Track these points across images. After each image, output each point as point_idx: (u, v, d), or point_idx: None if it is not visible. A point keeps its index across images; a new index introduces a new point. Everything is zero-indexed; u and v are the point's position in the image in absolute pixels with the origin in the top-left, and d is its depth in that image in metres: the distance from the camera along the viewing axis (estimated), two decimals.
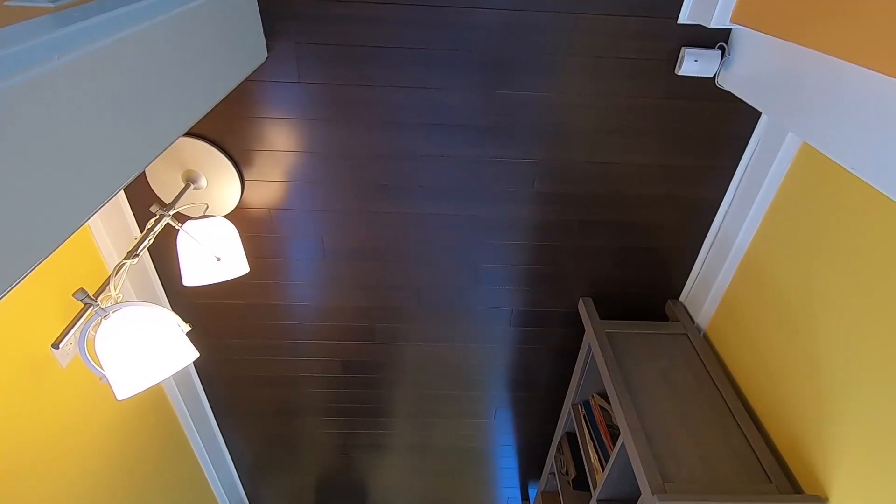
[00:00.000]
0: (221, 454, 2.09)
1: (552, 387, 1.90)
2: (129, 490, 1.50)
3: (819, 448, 1.07)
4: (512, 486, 2.39)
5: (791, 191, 1.20)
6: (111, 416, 1.40)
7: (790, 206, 1.20)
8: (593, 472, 1.51)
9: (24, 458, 1.07)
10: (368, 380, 1.87)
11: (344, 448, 2.16)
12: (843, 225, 1.04)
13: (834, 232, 1.07)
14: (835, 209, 1.07)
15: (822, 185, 1.11)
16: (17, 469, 1.05)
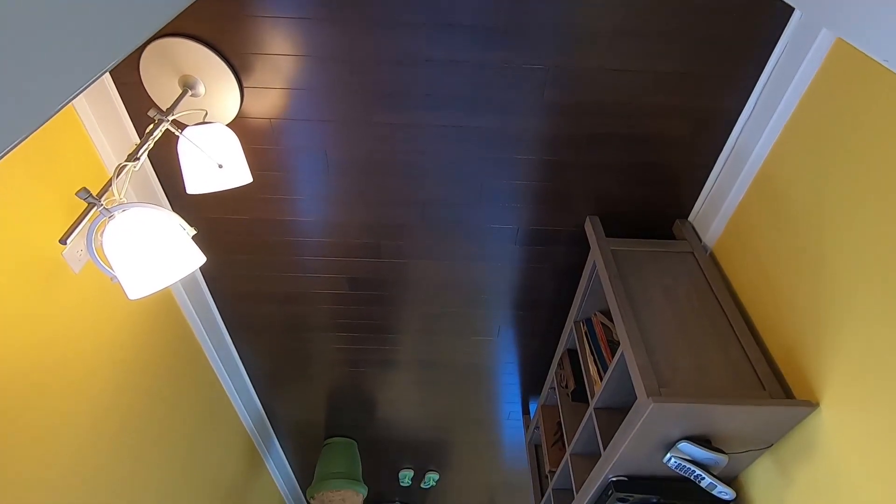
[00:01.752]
0: (236, 366, 2.19)
1: (555, 306, 1.93)
2: (146, 395, 1.58)
3: (815, 357, 1.09)
4: (513, 402, 2.50)
5: (815, 99, 1.14)
6: (125, 324, 1.45)
7: (812, 116, 1.15)
8: (592, 383, 1.56)
9: (41, 358, 1.12)
10: (375, 297, 1.91)
11: (353, 363, 2.25)
12: (869, 130, 0.99)
13: (857, 138, 1.02)
14: (861, 114, 1.02)
15: (849, 91, 1.05)
16: (34, 367, 1.10)
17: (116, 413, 1.40)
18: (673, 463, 1.16)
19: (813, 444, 1.08)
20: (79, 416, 1.24)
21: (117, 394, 1.41)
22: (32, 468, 1.10)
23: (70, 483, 1.22)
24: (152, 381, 1.60)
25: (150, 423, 1.59)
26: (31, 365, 1.08)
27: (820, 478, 1.06)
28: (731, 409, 1.07)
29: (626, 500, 1.33)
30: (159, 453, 1.65)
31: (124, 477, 1.45)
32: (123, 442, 1.44)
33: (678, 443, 1.16)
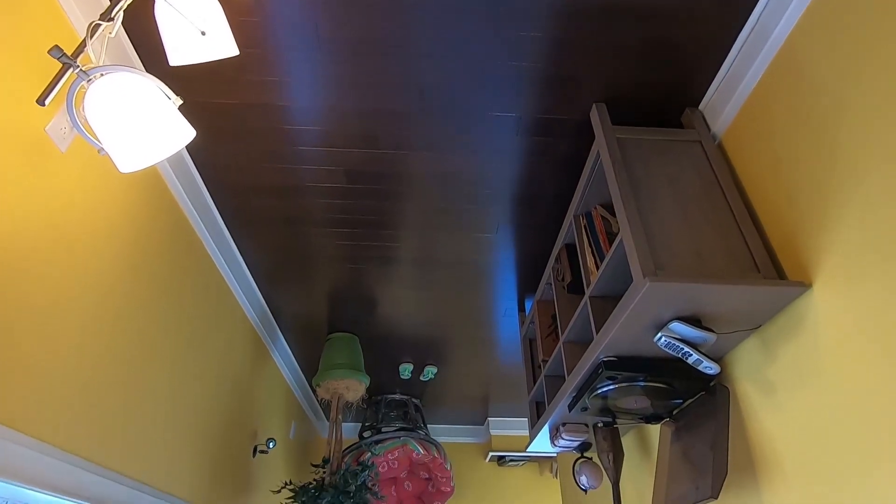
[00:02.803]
0: (237, 262, 2.22)
1: (556, 200, 1.91)
2: (147, 282, 1.61)
3: (813, 241, 1.09)
4: (510, 298, 2.58)
5: None
6: (121, 213, 1.43)
7: None
8: (588, 274, 1.59)
9: (37, 241, 1.12)
10: (374, 191, 1.88)
11: (353, 259, 2.28)
12: None
13: (888, 16, 0.94)
14: None
15: None
16: (26, 253, 1.10)
17: (119, 297, 1.43)
18: (663, 342, 1.21)
19: (800, 325, 1.12)
20: (81, 299, 1.27)
21: (118, 278, 1.43)
22: (38, 348, 1.14)
23: (78, 363, 1.27)
24: (151, 269, 1.61)
25: (152, 309, 1.63)
26: (28, 248, 1.08)
27: (802, 355, 1.11)
28: (724, 288, 1.09)
29: (615, 378, 1.40)
30: (164, 338, 1.71)
31: (131, 359, 1.51)
32: (128, 326, 1.49)
33: (670, 323, 1.20)
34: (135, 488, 1.49)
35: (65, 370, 1.20)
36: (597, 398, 1.53)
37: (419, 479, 3.77)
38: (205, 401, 2.01)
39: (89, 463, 1.28)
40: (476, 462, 4.39)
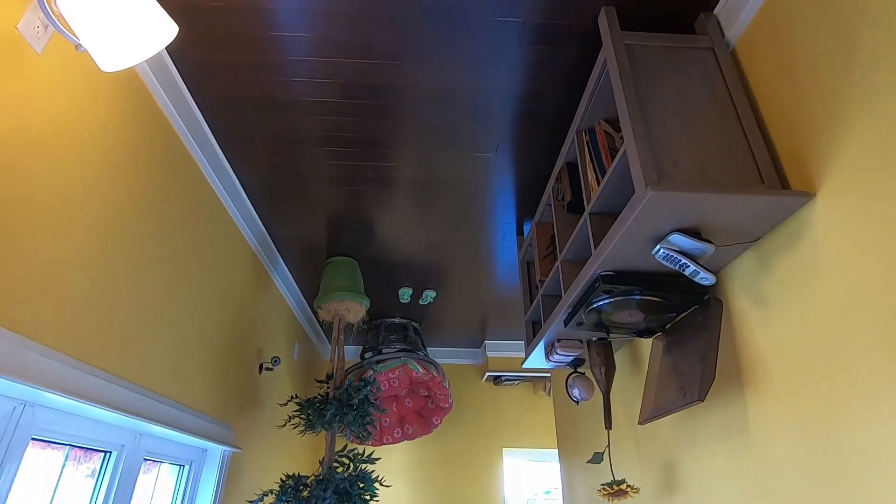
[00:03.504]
0: (233, 183, 2.18)
1: (558, 117, 1.85)
2: (141, 197, 1.58)
3: (822, 151, 1.07)
4: (508, 222, 2.57)
5: None
6: (103, 120, 1.38)
7: None
8: (589, 191, 1.57)
9: (24, 146, 1.08)
10: (369, 107, 1.81)
11: (350, 181, 2.24)
12: None
13: None
14: None
15: None
16: (19, 154, 1.06)
17: (114, 208, 1.42)
18: (661, 254, 1.21)
19: (799, 237, 1.11)
20: (79, 206, 1.25)
21: (109, 190, 1.40)
22: (39, 253, 1.13)
23: (81, 272, 1.28)
24: (142, 182, 1.59)
25: (148, 222, 1.62)
26: (14, 153, 1.04)
27: (799, 267, 1.11)
28: (727, 198, 1.07)
29: (611, 292, 1.43)
30: (161, 250, 1.72)
31: (132, 272, 1.52)
32: (126, 238, 1.48)
33: (669, 235, 1.20)
34: (148, 396, 1.55)
35: (68, 278, 1.21)
36: (592, 312, 1.56)
37: (419, 397, 3.97)
38: (208, 318, 2.06)
39: (101, 370, 1.33)
40: (473, 382, 4.60)
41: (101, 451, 1.57)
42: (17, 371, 1.04)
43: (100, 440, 1.50)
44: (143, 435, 1.69)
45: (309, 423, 2.43)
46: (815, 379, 1.06)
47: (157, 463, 1.97)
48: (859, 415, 0.95)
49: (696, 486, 1.51)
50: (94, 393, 1.29)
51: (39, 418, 1.24)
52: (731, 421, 1.34)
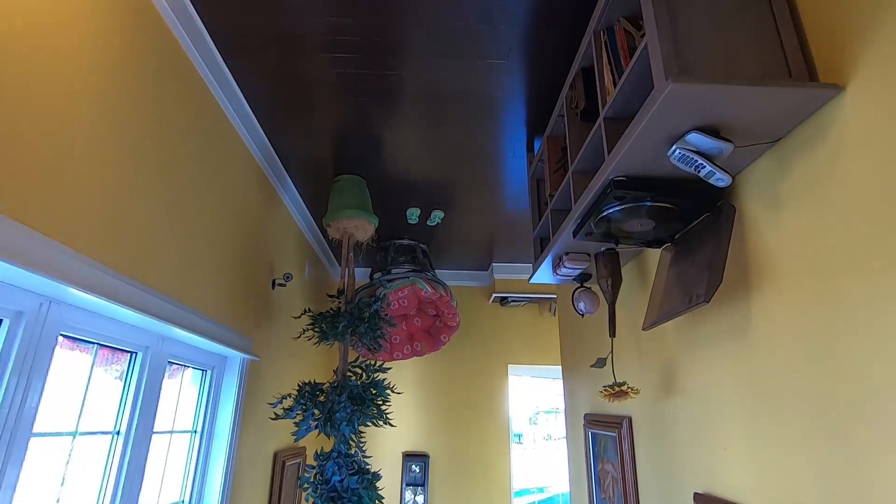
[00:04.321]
0: (236, 95, 2.12)
1: (575, 16, 1.74)
2: (140, 105, 1.54)
3: (855, 43, 1.00)
4: (519, 138, 2.51)
5: None
6: (101, 20, 1.32)
7: None
8: (605, 94, 1.51)
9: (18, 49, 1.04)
10: (373, 7, 1.71)
11: (355, 91, 2.17)
12: None
13: None
14: None
15: None
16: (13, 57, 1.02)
17: (118, 110, 1.39)
18: (677, 154, 1.18)
19: (823, 135, 1.07)
20: (83, 102, 1.23)
21: (111, 90, 1.37)
22: (45, 145, 1.13)
23: (89, 167, 1.27)
24: (142, 87, 1.54)
25: (148, 127, 1.60)
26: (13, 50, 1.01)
27: (819, 167, 1.08)
28: (752, 91, 1.02)
29: (623, 199, 1.41)
30: (164, 160, 1.70)
31: (141, 176, 1.52)
32: (129, 143, 1.46)
33: (686, 134, 1.16)
34: (169, 302, 1.61)
35: (76, 174, 1.21)
36: (602, 221, 1.56)
37: (427, 316, 4.09)
38: (218, 230, 2.08)
39: (123, 274, 1.36)
40: (480, 303, 4.71)
41: (127, 352, 1.65)
42: (43, 266, 1.06)
43: (125, 340, 1.58)
44: (166, 339, 1.77)
45: (322, 334, 2.53)
46: (824, 281, 1.06)
47: (181, 368, 2.08)
48: (865, 318, 0.96)
49: (695, 388, 1.57)
50: (118, 293, 1.33)
51: (66, 316, 1.29)
52: (734, 324, 1.37)
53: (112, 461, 1.56)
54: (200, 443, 2.12)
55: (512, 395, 4.58)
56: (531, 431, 5.01)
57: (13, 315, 1.14)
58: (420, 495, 4.14)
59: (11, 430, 1.13)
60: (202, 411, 2.16)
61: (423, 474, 4.19)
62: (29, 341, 1.17)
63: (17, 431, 1.15)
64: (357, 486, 2.31)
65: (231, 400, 2.25)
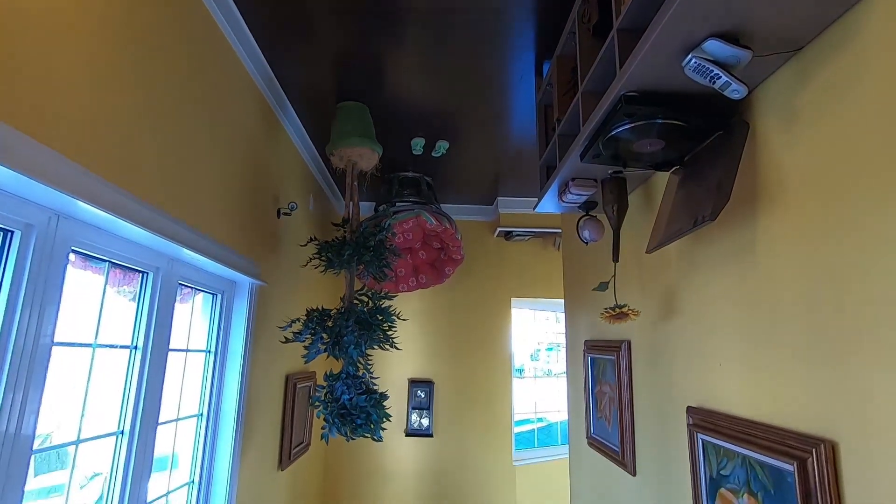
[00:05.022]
0: (233, 16, 2.02)
1: None
2: (139, 39, 1.48)
3: None
4: (527, 60, 2.41)
5: None
6: None
7: None
8: (619, 4, 1.42)
9: None
10: None
11: (357, 12, 2.06)
12: None
13: None
14: None
15: None
16: None
17: (115, 27, 1.34)
18: (693, 64, 1.13)
19: (848, 41, 1.02)
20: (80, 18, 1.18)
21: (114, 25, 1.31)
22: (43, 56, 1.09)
23: (90, 82, 1.24)
24: (141, 14, 1.47)
25: (151, 54, 1.54)
26: None
27: (843, 76, 1.04)
28: None
29: (633, 115, 1.37)
30: (160, 77, 1.66)
31: (137, 96, 1.48)
32: (127, 58, 1.42)
33: (703, 42, 1.11)
34: (178, 223, 1.62)
35: (85, 93, 1.19)
36: (610, 142, 1.52)
37: (432, 249, 4.12)
38: (224, 157, 2.05)
39: (130, 192, 1.37)
40: (485, 237, 4.73)
41: (138, 273, 1.69)
42: (51, 178, 1.07)
43: (135, 260, 1.61)
44: (175, 261, 1.80)
45: (328, 262, 2.56)
46: (834, 200, 1.05)
47: (192, 292, 2.14)
48: (872, 236, 0.95)
49: (694, 309, 1.60)
50: (127, 210, 1.34)
51: (76, 232, 1.31)
52: (738, 244, 1.37)
53: (132, 375, 1.63)
54: (215, 362, 2.21)
55: (515, 327, 4.71)
56: (532, 366, 5.18)
57: (23, 227, 1.15)
58: (425, 418, 4.37)
59: (34, 337, 1.18)
60: (215, 333, 2.24)
61: (428, 399, 4.39)
62: (41, 255, 1.19)
63: (39, 340, 1.20)
64: (365, 403, 2.43)
65: (242, 323, 2.33)
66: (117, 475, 1.56)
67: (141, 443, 1.62)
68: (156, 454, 1.74)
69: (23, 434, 1.15)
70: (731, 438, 1.35)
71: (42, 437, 1.36)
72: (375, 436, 2.44)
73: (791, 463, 1.10)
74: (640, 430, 2.02)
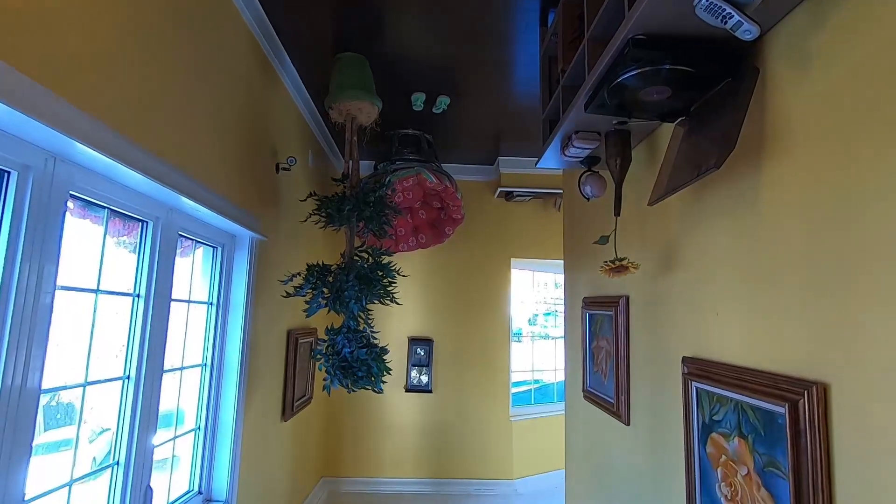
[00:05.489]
0: None
1: None
2: None
3: None
4: (531, 8, 2.33)
5: None
6: None
7: None
8: None
9: None
10: None
11: None
12: None
13: None
14: None
15: None
16: None
17: None
18: (703, 3, 1.09)
19: None
20: None
21: None
22: None
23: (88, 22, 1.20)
24: None
25: (144, 4, 1.48)
26: None
27: (855, 16, 1.01)
28: None
29: (640, 60, 1.34)
30: (160, 31, 1.61)
31: (131, 44, 1.44)
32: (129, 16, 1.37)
33: None
34: (176, 172, 1.60)
35: (83, 38, 1.15)
36: (616, 90, 1.49)
37: (432, 209, 4.11)
38: (218, 104, 2.01)
39: (129, 137, 1.34)
40: (485, 198, 4.70)
41: (138, 221, 1.68)
42: (48, 117, 1.05)
43: (135, 208, 1.60)
44: (175, 210, 1.79)
45: (328, 218, 2.56)
46: (841, 146, 1.03)
47: (192, 245, 2.14)
48: (876, 182, 0.94)
49: (694, 261, 1.61)
50: (125, 155, 1.32)
51: (74, 177, 1.30)
52: (742, 194, 1.36)
53: (136, 322, 1.65)
54: (217, 314, 2.24)
55: (514, 289, 4.74)
56: (529, 331, 5.26)
57: (20, 168, 1.14)
58: (425, 375, 4.46)
59: (36, 280, 1.18)
60: (216, 286, 2.25)
61: (427, 357, 4.47)
62: (39, 198, 1.18)
63: (42, 283, 1.20)
64: (366, 357, 2.47)
65: (243, 277, 2.34)
66: (124, 424, 1.60)
67: (147, 389, 1.66)
68: (162, 409, 1.78)
69: (28, 387, 1.17)
70: (724, 385, 1.38)
71: (50, 392, 1.39)
72: (376, 388, 2.50)
73: (782, 405, 1.13)
74: (635, 383, 2.06)
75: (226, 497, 2.17)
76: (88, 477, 1.52)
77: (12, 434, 1.12)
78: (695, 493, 1.51)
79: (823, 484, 1.03)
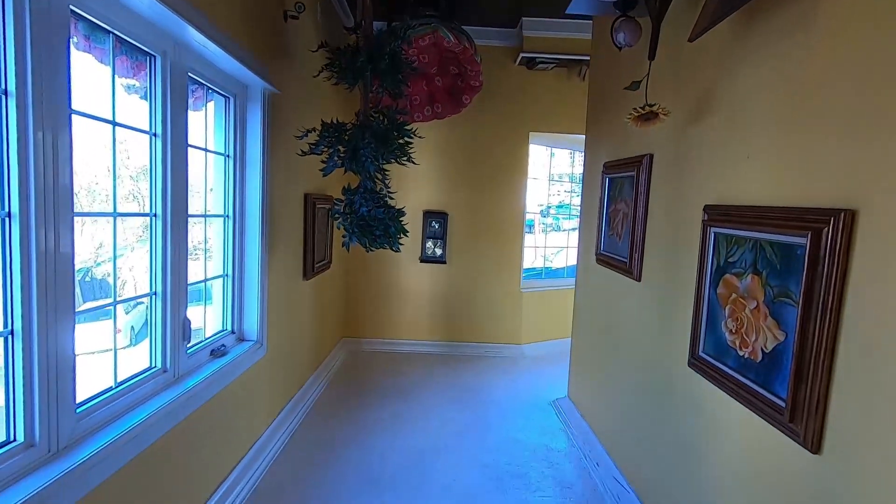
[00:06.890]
0: None
1: None
2: None
3: None
4: None
5: None
6: None
7: None
8: None
9: None
10: None
11: None
12: None
13: None
14: None
15: None
16: None
17: None
18: None
19: None
20: None
21: None
22: None
23: None
24: None
25: None
26: None
27: None
28: None
29: None
30: None
31: None
32: None
33: None
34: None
35: None
36: None
37: (449, 75, 3.88)
38: None
39: None
40: (505, 66, 4.42)
41: (145, 55, 1.61)
42: None
43: (140, 35, 1.51)
44: (182, 45, 1.70)
45: (342, 72, 2.43)
46: None
47: (203, 95, 2.06)
48: None
49: (731, 104, 1.52)
50: None
51: None
52: (794, 21, 1.24)
53: (156, 162, 1.65)
54: (235, 166, 2.23)
55: (531, 168, 4.64)
56: (542, 222, 5.26)
57: None
58: (440, 248, 4.57)
59: (51, 102, 1.16)
60: (232, 138, 2.22)
61: (442, 230, 4.54)
62: (39, 14, 1.11)
63: (56, 104, 1.18)
64: (384, 216, 2.50)
65: (258, 131, 2.29)
66: (157, 258, 1.67)
67: (175, 227, 1.71)
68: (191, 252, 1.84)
69: (62, 252, 1.21)
70: (744, 225, 1.37)
71: (83, 270, 1.42)
72: (394, 247, 2.56)
73: (804, 234, 1.13)
74: (651, 240, 2.08)
75: (257, 338, 2.35)
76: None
77: (55, 300, 1.19)
78: (700, 331, 1.58)
79: (833, 305, 1.06)
